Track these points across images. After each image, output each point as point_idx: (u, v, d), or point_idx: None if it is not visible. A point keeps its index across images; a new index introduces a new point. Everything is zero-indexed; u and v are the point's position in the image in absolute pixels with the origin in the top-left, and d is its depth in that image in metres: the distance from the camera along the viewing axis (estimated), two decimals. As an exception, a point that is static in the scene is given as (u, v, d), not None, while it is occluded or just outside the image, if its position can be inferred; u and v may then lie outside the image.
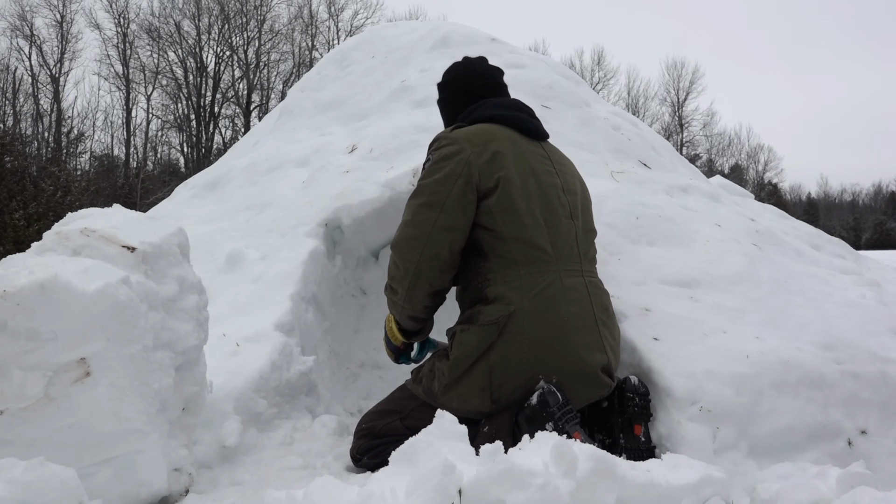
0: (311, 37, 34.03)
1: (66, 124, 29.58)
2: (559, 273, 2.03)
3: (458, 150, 2.07)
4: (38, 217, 12.81)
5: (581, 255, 2.12)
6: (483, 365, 1.97)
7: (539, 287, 1.99)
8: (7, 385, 1.59)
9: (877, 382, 2.28)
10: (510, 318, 1.96)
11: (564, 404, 1.90)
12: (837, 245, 3.83)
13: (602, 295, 2.13)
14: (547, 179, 2.13)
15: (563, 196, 2.14)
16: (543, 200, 2.09)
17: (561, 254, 2.06)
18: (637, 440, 2.04)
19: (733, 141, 43.45)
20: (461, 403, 1.99)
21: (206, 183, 4.23)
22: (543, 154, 2.20)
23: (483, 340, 1.97)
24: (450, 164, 2.05)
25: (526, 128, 2.21)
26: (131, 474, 1.71)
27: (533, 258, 2.02)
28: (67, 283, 1.63)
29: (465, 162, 2.05)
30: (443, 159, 2.07)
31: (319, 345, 2.87)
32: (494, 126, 2.17)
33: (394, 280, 2.11)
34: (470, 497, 1.37)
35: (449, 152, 2.07)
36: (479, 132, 2.12)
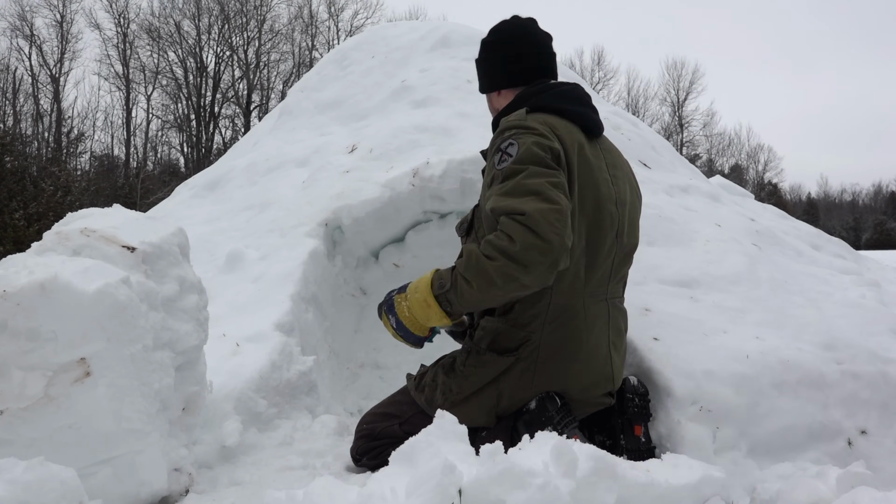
0: (311, 37, 34.05)
1: (66, 124, 29.60)
2: (584, 300, 1.95)
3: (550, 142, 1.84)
4: (39, 217, 12.82)
5: (611, 277, 2.01)
6: (492, 389, 1.97)
7: (562, 317, 1.93)
8: (7, 385, 1.59)
9: (877, 382, 2.28)
10: (527, 349, 1.94)
11: (563, 409, 1.91)
12: (837, 245, 3.83)
13: (619, 317, 2.08)
14: (604, 191, 1.95)
15: (615, 210, 1.97)
16: (595, 217, 1.92)
17: (592, 279, 1.96)
18: (637, 441, 2.04)
19: (733, 141, 43.47)
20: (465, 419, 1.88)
21: (206, 183, 4.23)
22: (601, 157, 2.02)
23: (498, 367, 1.96)
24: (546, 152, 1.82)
25: (589, 126, 2.02)
26: (131, 474, 1.71)
27: (565, 282, 1.91)
28: (67, 283, 1.63)
29: (558, 154, 1.84)
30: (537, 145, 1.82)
31: (319, 345, 2.87)
32: (563, 122, 1.94)
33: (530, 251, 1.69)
34: (470, 497, 1.37)
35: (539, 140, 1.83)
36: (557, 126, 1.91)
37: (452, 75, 4.17)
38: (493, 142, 1.95)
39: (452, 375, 2.01)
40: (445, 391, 2.01)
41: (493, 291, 1.77)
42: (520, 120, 1.91)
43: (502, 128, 1.93)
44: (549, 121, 1.92)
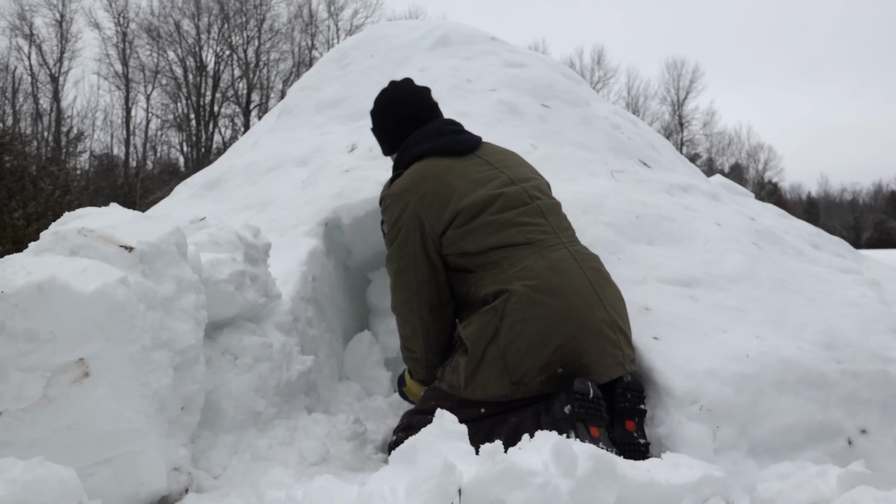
0: (311, 36, 34.04)
1: (65, 124, 29.58)
2: (540, 252, 2.12)
3: (404, 206, 2.24)
4: (38, 216, 12.82)
5: (556, 229, 2.21)
6: (493, 350, 2.05)
7: (526, 269, 2.09)
8: (6, 386, 1.58)
9: (877, 381, 2.27)
10: (507, 301, 2.05)
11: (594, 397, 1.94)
12: (838, 244, 3.82)
13: (590, 259, 2.21)
14: (492, 184, 2.24)
15: (514, 187, 2.25)
16: (498, 202, 2.20)
17: (534, 237, 2.15)
18: (629, 435, 2.04)
19: (733, 140, 43.41)
20: (484, 391, 2.08)
21: (205, 182, 4.23)
22: (481, 161, 2.31)
23: (486, 326, 2.07)
24: (403, 222, 2.24)
25: (455, 149, 2.33)
26: (131, 474, 1.71)
27: (508, 253, 2.13)
28: (65, 283, 1.62)
29: (413, 215, 2.22)
30: (396, 220, 2.26)
31: (319, 344, 2.87)
32: (425, 163, 2.29)
33: (408, 340, 2.35)
34: (470, 496, 1.37)
35: (398, 211, 2.25)
36: (415, 178, 2.26)
37: (452, 74, 4.17)
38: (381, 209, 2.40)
39: (463, 355, 2.15)
40: (458, 371, 2.15)
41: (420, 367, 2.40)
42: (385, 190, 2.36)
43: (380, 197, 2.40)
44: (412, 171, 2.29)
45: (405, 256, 2.25)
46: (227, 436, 2.16)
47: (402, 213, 2.25)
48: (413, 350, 2.35)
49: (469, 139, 2.40)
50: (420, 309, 2.27)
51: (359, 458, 2.29)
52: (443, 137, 2.36)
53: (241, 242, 2.43)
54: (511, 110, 3.77)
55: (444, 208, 2.20)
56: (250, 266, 2.40)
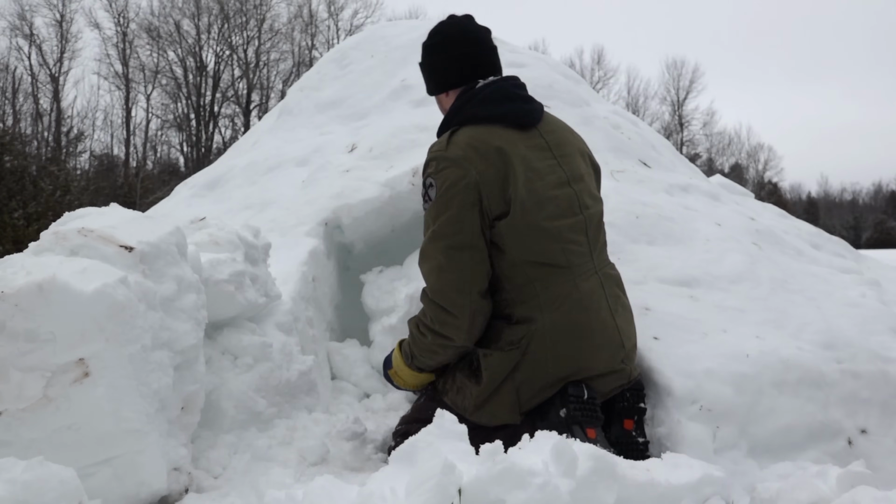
0: (311, 36, 34.04)
1: (65, 124, 29.58)
2: (574, 281, 2.01)
3: (463, 174, 1.97)
4: (38, 216, 12.83)
5: (592, 250, 2.08)
6: (509, 385, 1.99)
7: (557, 301, 1.98)
8: (6, 386, 1.58)
9: (877, 381, 2.28)
10: (532, 340, 1.97)
11: (588, 399, 1.93)
12: (838, 244, 3.82)
13: (613, 284, 2.13)
14: (552, 180, 2.04)
15: (569, 188, 2.06)
16: (551, 206, 2.02)
17: (573, 260, 2.02)
18: (627, 434, 2.04)
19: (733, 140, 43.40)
20: (491, 419, 2.02)
21: (205, 182, 4.23)
22: (542, 144, 2.08)
23: (507, 363, 1.99)
24: (458, 193, 1.97)
25: (521, 121, 2.09)
26: (131, 474, 1.71)
27: (543, 273, 2.00)
28: (65, 283, 1.62)
29: (472, 186, 1.96)
30: (450, 187, 1.97)
31: (319, 345, 2.87)
32: (489, 131, 2.04)
33: (447, 326, 2.02)
34: (470, 496, 1.37)
35: (454, 178, 1.97)
36: (478, 145, 2.00)
37: (452, 74, 4.16)
38: (423, 171, 2.10)
39: (472, 379, 2.06)
40: (468, 396, 2.06)
41: (440, 357, 2.13)
42: (440, 150, 2.05)
43: (427, 158, 2.08)
44: (474, 136, 2.02)
45: (461, 232, 1.97)
46: (227, 436, 2.16)
47: (460, 181, 1.96)
48: (448, 337, 2.04)
49: (535, 110, 2.13)
50: (472, 292, 1.98)
51: (359, 458, 2.28)
52: (511, 104, 2.09)
53: (241, 242, 2.43)
54: (511, 110, 3.77)
55: (505, 190, 1.97)
56: (250, 266, 2.40)
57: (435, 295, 2.04)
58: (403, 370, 2.25)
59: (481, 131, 2.04)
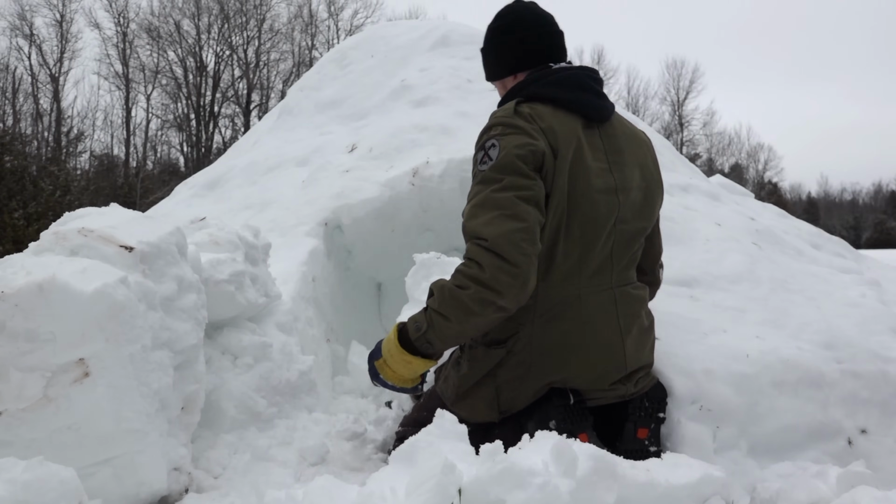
0: (311, 36, 34.03)
1: (65, 124, 29.58)
2: (580, 292, 1.90)
3: (530, 142, 1.82)
4: (38, 216, 12.84)
5: (613, 265, 1.95)
6: (490, 382, 1.93)
7: (554, 310, 1.88)
8: (6, 386, 1.58)
9: (877, 381, 2.27)
10: (518, 341, 1.88)
11: (574, 403, 1.88)
12: (837, 244, 3.82)
13: (632, 302, 1.99)
14: (597, 183, 1.90)
15: (613, 199, 1.93)
16: (586, 210, 1.89)
17: (587, 270, 1.91)
18: (639, 443, 1.99)
19: (733, 140, 43.43)
20: (470, 413, 1.94)
21: (205, 182, 4.23)
22: (599, 145, 1.96)
23: (490, 360, 1.92)
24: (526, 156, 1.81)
25: (589, 114, 1.96)
26: (131, 474, 1.71)
27: (554, 275, 1.88)
28: (65, 283, 1.62)
29: (541, 155, 1.82)
30: (518, 149, 1.81)
31: (319, 344, 2.87)
32: (556, 113, 1.90)
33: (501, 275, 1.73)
34: (470, 496, 1.37)
35: (521, 143, 1.82)
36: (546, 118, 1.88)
37: (452, 74, 4.17)
38: (480, 136, 1.93)
39: (456, 369, 2.01)
40: (451, 385, 2.01)
41: (473, 320, 1.79)
42: (506, 116, 1.89)
43: (489, 123, 1.91)
44: (540, 113, 1.89)
45: (531, 189, 1.78)
46: (227, 436, 2.16)
47: (527, 147, 1.81)
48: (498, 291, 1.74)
49: (605, 108, 2.01)
50: (534, 246, 1.76)
51: (359, 458, 2.29)
52: (583, 93, 1.97)
53: (241, 242, 2.43)
54: (511, 110, 3.77)
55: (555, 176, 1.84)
56: (250, 266, 2.41)
57: (494, 241, 1.74)
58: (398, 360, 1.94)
59: (547, 111, 1.90)
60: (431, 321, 1.84)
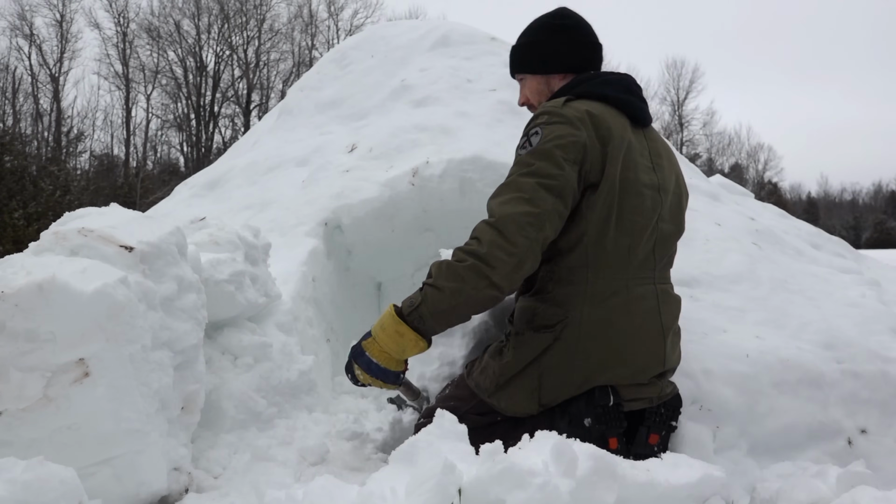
0: (311, 36, 34.05)
1: (65, 124, 29.60)
2: (626, 282, 1.93)
3: (575, 131, 1.88)
4: (38, 216, 12.84)
5: (657, 261, 2.01)
6: (534, 369, 1.92)
7: (603, 296, 1.90)
8: (6, 386, 1.58)
9: (877, 381, 2.27)
10: (566, 326, 1.89)
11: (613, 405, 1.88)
12: (837, 244, 3.83)
13: (672, 303, 2.04)
14: (644, 178, 1.97)
15: (657, 196, 2.00)
16: (635, 201, 1.94)
17: (635, 261, 1.95)
18: (650, 448, 1.98)
19: (733, 140, 43.47)
20: (509, 404, 1.95)
21: (205, 182, 4.23)
22: (645, 146, 2.04)
23: (538, 345, 1.92)
24: (566, 146, 1.87)
25: (636, 115, 2.04)
26: (131, 474, 1.71)
27: (604, 263, 1.91)
28: (65, 283, 1.62)
29: (581, 147, 1.87)
30: (558, 139, 1.87)
31: (319, 344, 2.87)
32: (607, 109, 1.98)
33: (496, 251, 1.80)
34: (470, 496, 1.37)
35: (564, 132, 1.88)
36: (594, 115, 1.93)
37: (452, 74, 4.17)
38: (527, 124, 1.98)
39: (497, 358, 1.99)
40: (490, 375, 1.98)
41: (466, 293, 1.82)
42: (555, 107, 1.95)
43: (538, 112, 1.98)
44: (590, 107, 1.94)
45: (557, 179, 1.84)
46: (227, 436, 2.16)
47: (569, 136, 1.87)
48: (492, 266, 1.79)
49: (648, 113, 2.10)
50: (539, 233, 1.81)
51: (359, 458, 2.29)
52: (631, 96, 2.06)
53: (241, 242, 2.43)
54: (511, 110, 3.77)
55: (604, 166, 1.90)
56: (250, 266, 2.41)
57: (501, 220, 1.83)
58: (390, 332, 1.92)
59: (599, 107, 1.97)
60: (425, 295, 1.87)
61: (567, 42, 2.15)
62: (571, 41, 2.15)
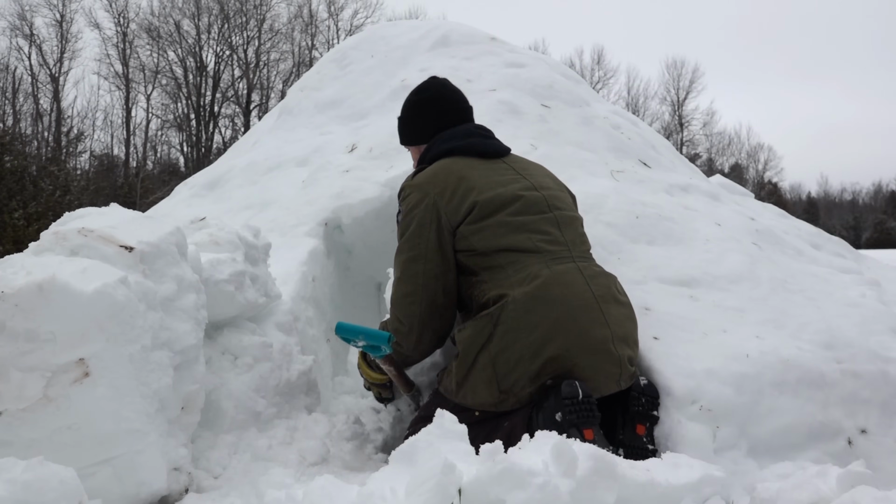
0: (311, 36, 34.04)
1: (65, 124, 29.59)
2: (546, 263, 2.09)
3: (423, 197, 2.20)
4: (38, 216, 12.84)
5: (569, 243, 2.18)
6: (485, 356, 2.03)
7: (529, 278, 2.06)
8: (6, 386, 1.59)
9: (877, 381, 2.27)
10: (503, 310, 2.02)
11: (583, 399, 1.91)
12: (837, 244, 3.82)
13: (600, 277, 2.15)
14: (513, 186, 2.22)
15: (534, 193, 2.23)
16: (515, 204, 2.18)
17: (543, 247, 2.12)
18: (638, 439, 2.03)
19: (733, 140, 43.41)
20: (473, 397, 2.06)
21: (205, 182, 4.23)
22: (506, 167, 2.30)
23: (480, 332, 2.04)
24: (419, 212, 2.18)
25: (483, 151, 2.33)
26: (131, 474, 1.71)
27: (515, 258, 2.10)
28: (65, 283, 1.63)
29: (431, 206, 2.18)
30: (412, 209, 2.21)
31: (319, 344, 2.87)
32: (452, 160, 2.29)
33: (398, 334, 2.21)
34: (470, 496, 1.37)
35: (415, 201, 2.21)
36: (438, 171, 2.24)
37: (452, 75, 4.15)
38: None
39: (453, 359, 2.14)
40: (451, 375, 2.12)
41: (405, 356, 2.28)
42: (408, 181, 2.33)
43: (399, 189, 2.36)
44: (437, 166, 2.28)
45: (417, 247, 2.18)
46: (227, 436, 2.16)
47: (420, 203, 2.20)
48: (401, 344, 2.24)
49: (497, 145, 2.40)
50: (422, 304, 2.17)
51: (359, 458, 2.29)
52: (472, 139, 2.37)
53: (241, 242, 2.43)
54: (511, 110, 3.77)
55: (463, 201, 2.17)
56: (250, 266, 2.41)
57: (392, 304, 2.25)
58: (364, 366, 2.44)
59: (444, 162, 2.29)
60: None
61: (425, 116, 2.47)
62: (429, 115, 2.46)
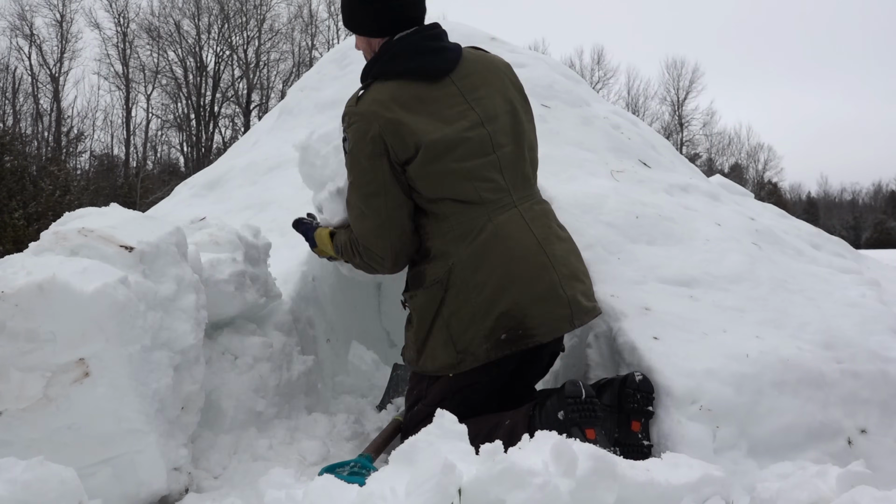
0: (311, 36, 34.06)
1: (65, 124, 29.60)
2: (489, 214, 2.08)
3: (368, 127, 2.09)
4: (38, 216, 12.85)
5: (511, 187, 2.15)
6: (439, 322, 2.08)
7: (472, 234, 2.07)
8: (6, 386, 1.59)
9: (877, 381, 2.27)
10: (451, 273, 2.06)
11: (586, 398, 1.93)
12: (837, 244, 3.82)
13: (540, 216, 2.16)
14: (461, 123, 2.12)
15: (482, 129, 2.14)
16: (461, 148, 2.10)
17: (486, 196, 2.10)
18: (634, 436, 2.03)
19: (733, 140, 43.43)
20: (433, 362, 2.10)
21: (205, 182, 4.23)
22: (454, 91, 2.17)
23: (432, 300, 2.08)
24: (367, 145, 2.09)
25: (429, 74, 2.17)
26: (131, 474, 1.71)
27: (458, 209, 2.09)
28: (66, 283, 1.63)
29: (378, 138, 2.08)
30: (359, 141, 2.11)
31: (319, 344, 2.87)
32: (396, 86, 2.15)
33: (373, 261, 2.18)
34: (470, 496, 1.37)
35: (361, 132, 2.10)
36: (383, 99, 2.12)
37: (452, 74, 4.16)
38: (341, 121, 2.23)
39: (409, 328, 2.19)
40: (410, 346, 2.17)
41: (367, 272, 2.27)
42: (351, 106, 2.18)
43: (343, 113, 2.22)
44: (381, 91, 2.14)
45: (374, 182, 2.10)
46: (227, 436, 2.16)
47: (366, 134, 2.09)
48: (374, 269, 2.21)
49: (445, 60, 2.20)
50: (391, 234, 2.12)
51: (359, 458, 2.28)
52: (420, 58, 2.17)
53: (241, 242, 2.43)
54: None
55: (409, 139, 2.08)
56: (250, 266, 2.41)
57: (360, 238, 2.18)
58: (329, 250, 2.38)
59: (389, 86, 2.16)
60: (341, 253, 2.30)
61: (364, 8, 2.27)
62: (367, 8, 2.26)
